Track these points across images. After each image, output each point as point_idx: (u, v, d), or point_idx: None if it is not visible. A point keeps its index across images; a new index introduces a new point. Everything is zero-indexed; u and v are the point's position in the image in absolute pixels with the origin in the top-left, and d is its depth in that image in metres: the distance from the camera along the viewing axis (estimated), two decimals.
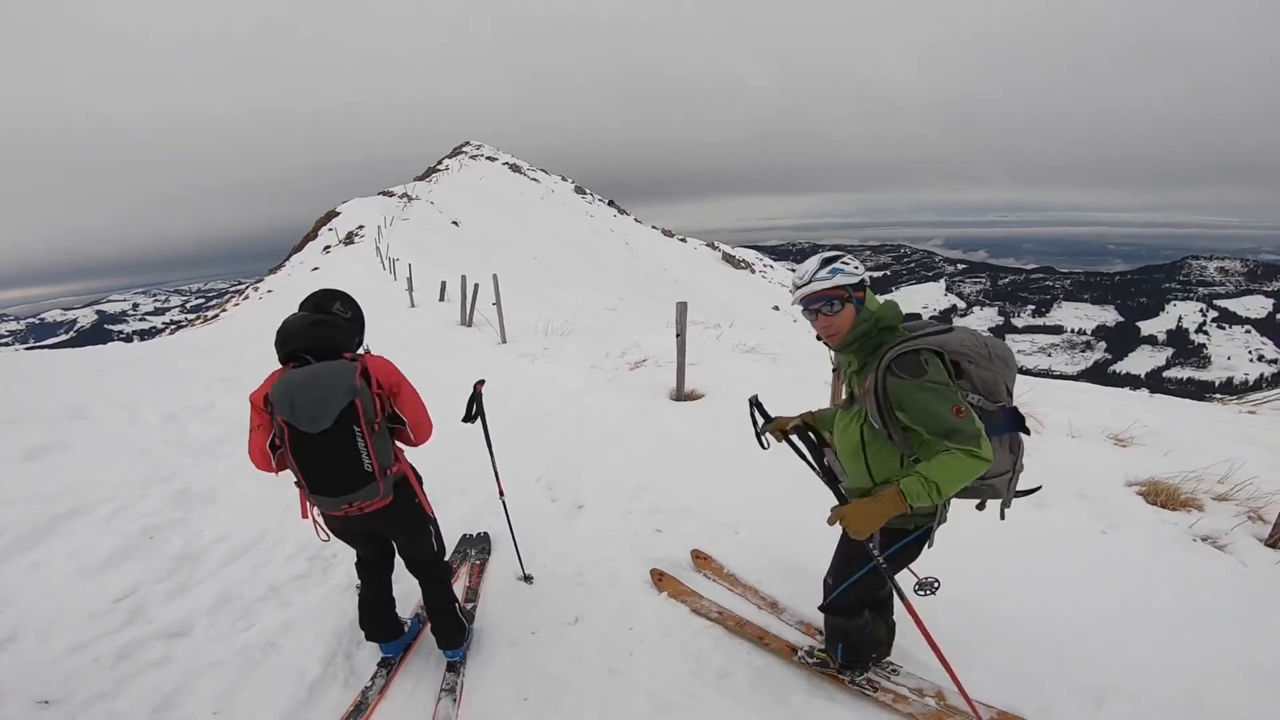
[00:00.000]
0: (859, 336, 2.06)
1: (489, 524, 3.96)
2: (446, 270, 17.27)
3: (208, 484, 4.23)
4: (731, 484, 4.25)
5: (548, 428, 5.63)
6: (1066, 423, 5.02)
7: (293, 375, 2.19)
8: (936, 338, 1.99)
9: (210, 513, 3.96)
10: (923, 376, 1.90)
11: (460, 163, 63.88)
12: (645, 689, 2.69)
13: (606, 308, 15.04)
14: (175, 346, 11.90)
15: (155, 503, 3.95)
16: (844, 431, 2.20)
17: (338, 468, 2.21)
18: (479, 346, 9.38)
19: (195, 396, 5.95)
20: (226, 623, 3.01)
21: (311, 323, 2.30)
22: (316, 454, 2.19)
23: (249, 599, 3.18)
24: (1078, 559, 3.39)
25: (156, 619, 2.99)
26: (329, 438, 2.16)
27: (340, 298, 2.52)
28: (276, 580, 3.33)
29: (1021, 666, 2.67)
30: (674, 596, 3.19)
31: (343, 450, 2.18)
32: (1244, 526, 3.62)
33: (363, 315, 2.59)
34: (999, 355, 2.07)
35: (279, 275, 25.93)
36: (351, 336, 2.45)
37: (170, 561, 3.39)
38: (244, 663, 2.77)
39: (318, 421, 2.13)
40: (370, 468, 2.22)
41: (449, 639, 2.76)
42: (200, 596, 3.17)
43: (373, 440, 2.21)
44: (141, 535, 3.60)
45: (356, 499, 2.27)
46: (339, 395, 2.14)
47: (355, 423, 2.17)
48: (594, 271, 38.79)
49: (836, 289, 2.03)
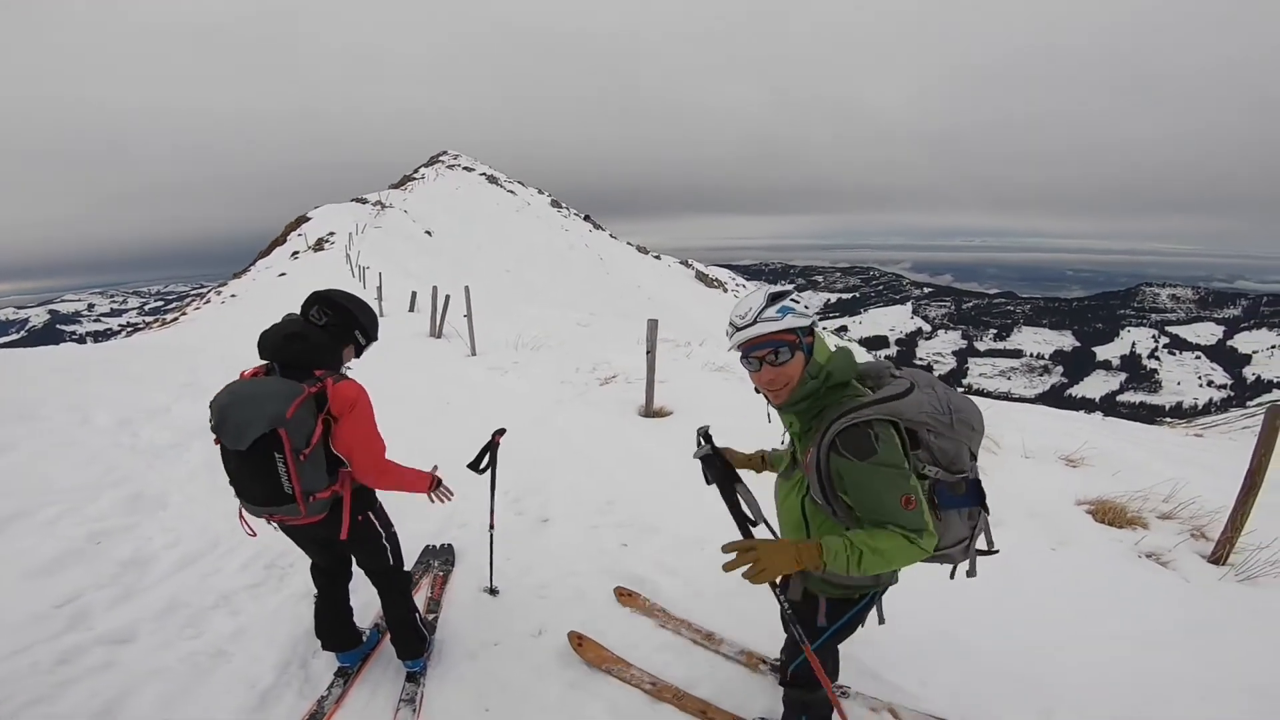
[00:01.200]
0: (806, 395, 1.77)
1: (454, 536, 3.94)
2: (418, 280, 17.14)
3: (160, 489, 4.12)
4: (698, 500, 4.27)
5: (516, 441, 5.61)
6: (1021, 444, 5.20)
7: (235, 388, 2.15)
8: (892, 404, 1.71)
9: (161, 519, 3.84)
10: (871, 458, 1.64)
11: (437, 171, 63.58)
12: (607, 702, 2.68)
13: (579, 323, 15.06)
14: (131, 349, 11.53)
15: (104, 507, 3.83)
16: (785, 500, 1.98)
17: (257, 484, 2.16)
18: (448, 359, 9.31)
19: (150, 400, 5.78)
20: (173, 630, 2.93)
21: (284, 335, 2.23)
22: (238, 468, 2.17)
23: (198, 606, 3.10)
24: (1028, 576, 3.47)
25: (99, 625, 2.90)
26: (247, 458, 2.12)
27: (320, 301, 2.37)
28: (229, 588, 3.26)
29: (972, 684, 2.70)
30: (597, 665, 2.86)
31: (262, 471, 2.14)
32: (1187, 544, 3.77)
33: (353, 317, 2.40)
34: (963, 420, 1.80)
35: (243, 280, 25.35)
36: (329, 347, 2.31)
37: (117, 567, 3.29)
38: (191, 670, 2.70)
39: (238, 441, 2.09)
40: (290, 491, 2.16)
41: (408, 649, 2.72)
42: (147, 603, 3.08)
43: (295, 468, 2.14)
44: (88, 540, 3.49)
45: (277, 513, 2.24)
46: (260, 421, 2.06)
47: (277, 450, 2.10)
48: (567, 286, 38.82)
49: (786, 333, 1.73)
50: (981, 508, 1.90)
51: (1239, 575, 3.50)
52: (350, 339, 2.42)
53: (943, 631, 2.98)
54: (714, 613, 3.20)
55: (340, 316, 2.37)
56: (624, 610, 3.24)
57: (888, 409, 1.70)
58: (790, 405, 1.80)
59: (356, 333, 2.43)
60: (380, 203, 42.38)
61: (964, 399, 1.86)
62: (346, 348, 2.42)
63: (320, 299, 2.38)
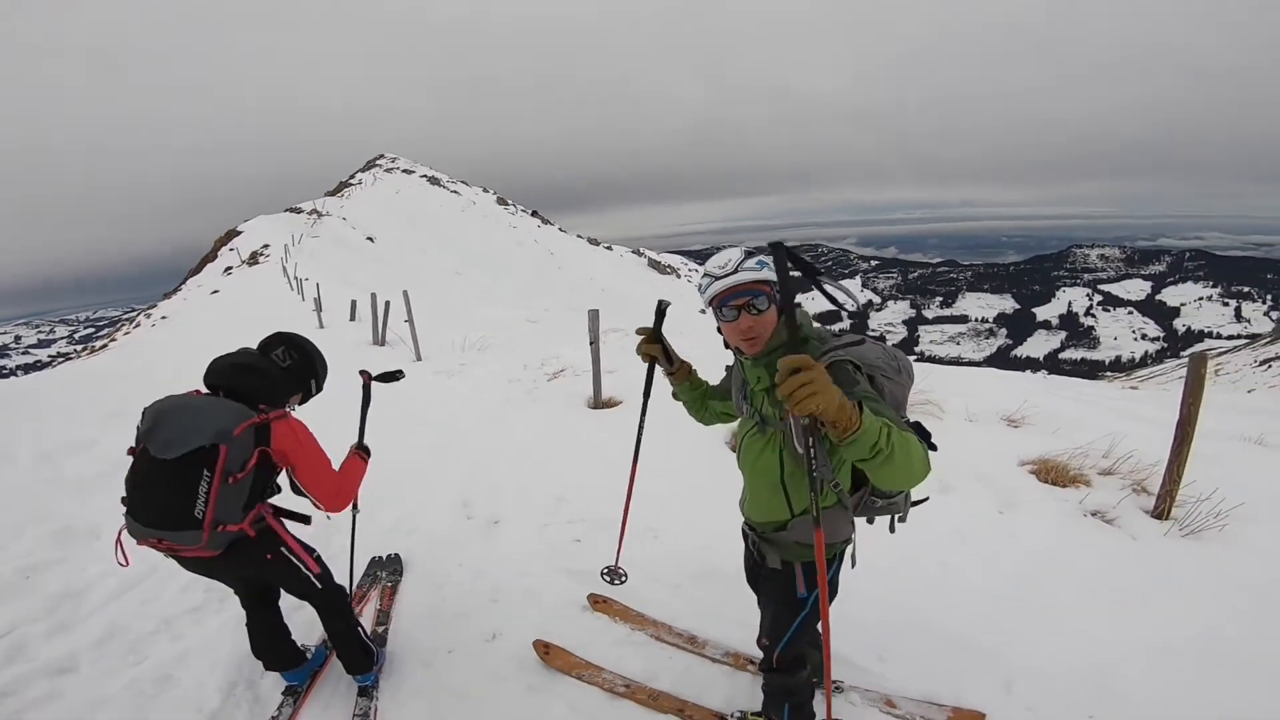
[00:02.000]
0: (780, 346, 1.79)
1: (400, 545, 3.87)
2: (360, 289, 16.74)
3: (91, 521, 3.99)
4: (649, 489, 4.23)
5: (463, 444, 5.56)
6: (964, 408, 5.30)
7: (177, 399, 2.09)
8: (854, 349, 1.79)
9: (95, 549, 3.73)
10: (856, 387, 1.64)
11: (374, 176, 61.78)
12: (566, 703, 2.66)
13: (529, 320, 15.00)
14: (55, 380, 10.98)
15: (30, 543, 3.73)
16: (758, 459, 1.94)
17: (162, 501, 2.03)
18: (391, 366, 9.17)
19: (77, 432, 5.58)
20: (115, 657, 2.89)
21: (234, 364, 2.19)
22: (147, 479, 2.05)
23: (139, 633, 3.05)
24: (978, 542, 3.49)
25: (39, 656, 2.84)
26: (170, 469, 2.00)
27: (288, 342, 2.38)
28: (169, 613, 3.20)
29: (930, 656, 2.69)
30: (566, 671, 2.78)
31: (178, 487, 2.01)
32: (1130, 499, 3.81)
33: (314, 366, 2.43)
34: (905, 369, 1.91)
35: (174, 300, 24.21)
36: (283, 387, 2.29)
37: (50, 600, 3.22)
38: (136, 696, 2.67)
39: (169, 448, 1.99)
40: (201, 515, 2.02)
41: (356, 665, 2.68)
42: (85, 633, 3.02)
43: (218, 491, 2.03)
44: (17, 575, 3.41)
45: (168, 539, 2.07)
46: (204, 433, 1.99)
47: (209, 467, 2.01)
48: (518, 284, 38.43)
49: (764, 283, 1.76)
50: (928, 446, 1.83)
51: (1182, 530, 3.54)
52: (305, 387, 2.44)
53: (895, 603, 2.96)
54: (672, 603, 3.21)
55: (305, 363, 2.40)
56: (585, 614, 3.20)
57: (854, 353, 1.77)
58: (765, 355, 1.83)
59: (312, 382, 2.46)
60: (316, 211, 40.97)
61: (902, 353, 1.96)
62: (297, 394, 2.42)
63: (288, 341, 2.39)
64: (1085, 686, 2.58)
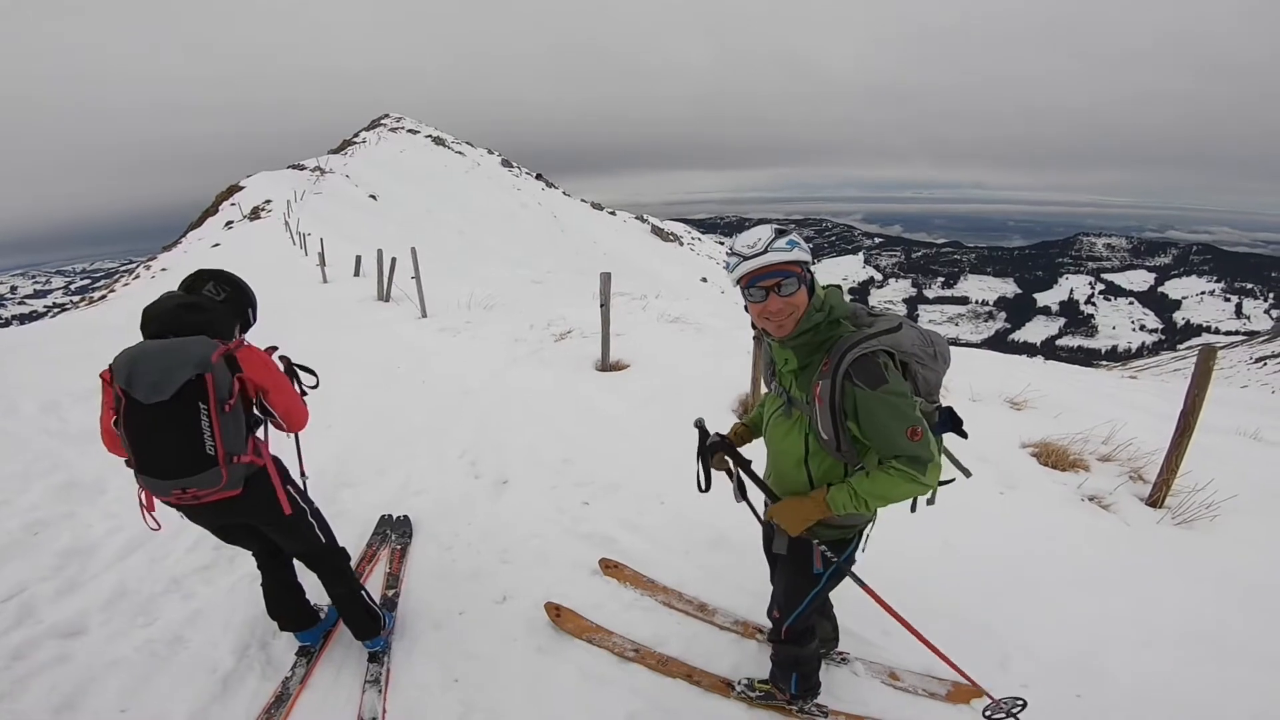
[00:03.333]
0: (811, 328, 1.77)
1: (410, 505, 3.85)
2: (363, 246, 16.51)
3: (97, 475, 3.91)
4: (655, 454, 4.24)
5: (470, 403, 5.51)
6: (969, 387, 5.33)
7: (141, 344, 2.02)
8: (892, 337, 1.75)
9: (101, 505, 3.67)
10: (882, 386, 1.67)
11: (379, 135, 60.62)
12: (576, 665, 2.66)
13: (533, 281, 14.83)
14: (56, 329, 10.86)
15: (37, 497, 3.65)
16: (784, 439, 1.97)
17: (173, 446, 1.97)
18: (397, 322, 9.04)
19: (78, 382, 5.46)
20: (125, 619, 2.84)
21: (177, 304, 2.12)
22: (150, 428, 1.96)
23: (149, 593, 3.00)
24: (979, 521, 3.52)
25: (48, 618, 2.79)
26: (167, 412, 1.93)
27: (215, 277, 2.34)
28: (178, 572, 3.15)
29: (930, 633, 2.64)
30: (577, 635, 2.80)
31: (182, 428, 1.95)
32: (1126, 486, 3.87)
33: (247, 296, 2.40)
34: (941, 354, 1.91)
35: (174, 253, 23.88)
36: (225, 320, 2.24)
37: (57, 558, 3.16)
38: (148, 658, 2.63)
39: (158, 391, 1.92)
40: (213, 451, 1.99)
41: (363, 629, 2.64)
42: (94, 593, 2.97)
43: (219, 422, 1.99)
44: (24, 531, 3.34)
45: (191, 485, 2.02)
46: (187, 366, 1.93)
47: (202, 399, 1.96)
48: (521, 245, 38.03)
49: (795, 264, 1.72)
50: (958, 433, 2.01)
51: (1175, 518, 3.60)
52: (243, 315, 2.40)
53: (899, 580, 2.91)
54: (682, 568, 3.20)
55: (237, 293, 2.38)
56: (594, 578, 3.18)
57: (890, 340, 1.74)
58: (793, 338, 1.80)
59: (250, 310, 2.43)
60: (320, 168, 40.28)
61: (939, 337, 1.95)
62: (236, 325, 2.37)
63: (215, 275, 2.36)
64: (1075, 665, 2.66)
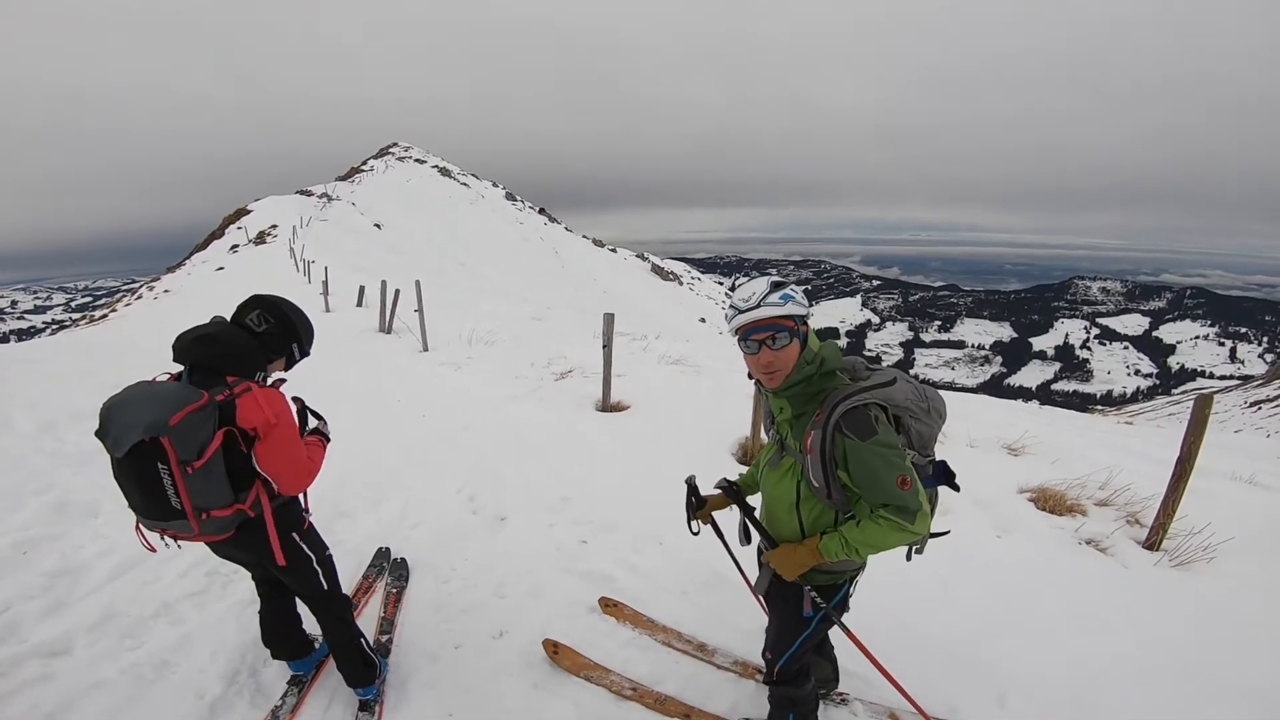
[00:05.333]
0: (801, 380, 1.83)
1: (407, 537, 3.83)
2: (366, 275, 16.66)
3: (89, 496, 3.90)
4: (654, 494, 4.20)
5: (469, 438, 5.52)
6: (966, 434, 5.35)
7: (128, 390, 1.95)
8: (885, 391, 1.80)
9: (93, 526, 3.65)
10: (872, 438, 1.71)
11: (386, 163, 61.77)
12: (573, 702, 2.64)
13: (534, 317, 14.92)
14: (54, 347, 10.86)
15: (28, 516, 3.63)
16: (777, 485, 2.03)
17: (138, 496, 1.95)
18: (398, 355, 9.09)
19: (76, 402, 5.47)
20: (112, 640, 2.81)
21: (195, 336, 2.05)
22: (118, 475, 1.95)
23: (137, 616, 2.97)
24: (976, 565, 3.54)
25: (32, 636, 2.76)
26: (128, 466, 1.90)
27: (264, 306, 2.20)
28: (169, 597, 3.12)
29: (926, 672, 2.68)
30: (574, 672, 2.78)
31: (141, 483, 1.91)
32: (1123, 530, 3.92)
33: (292, 330, 2.26)
34: (935, 409, 1.94)
35: (177, 275, 24.06)
36: (252, 355, 2.12)
37: (46, 578, 3.13)
38: (133, 681, 2.60)
39: (117, 446, 1.88)
40: (178, 505, 1.93)
41: (356, 678, 2.55)
42: (81, 614, 2.93)
43: (183, 481, 1.91)
44: (12, 550, 3.31)
45: (168, 529, 2.01)
46: (135, 429, 1.85)
47: (160, 460, 1.88)
48: (522, 280, 38.38)
49: (787, 319, 1.77)
50: (950, 486, 2.02)
51: (1172, 561, 3.64)
52: (285, 351, 2.28)
53: (898, 620, 3.00)
54: (679, 609, 3.19)
55: (281, 326, 2.24)
56: (592, 615, 3.17)
57: (882, 394, 1.79)
58: (784, 389, 1.86)
59: (294, 346, 2.30)
60: (327, 195, 40.92)
61: (934, 391, 1.99)
62: (278, 360, 2.28)
63: (263, 304, 2.21)
64: (1072, 703, 2.68)
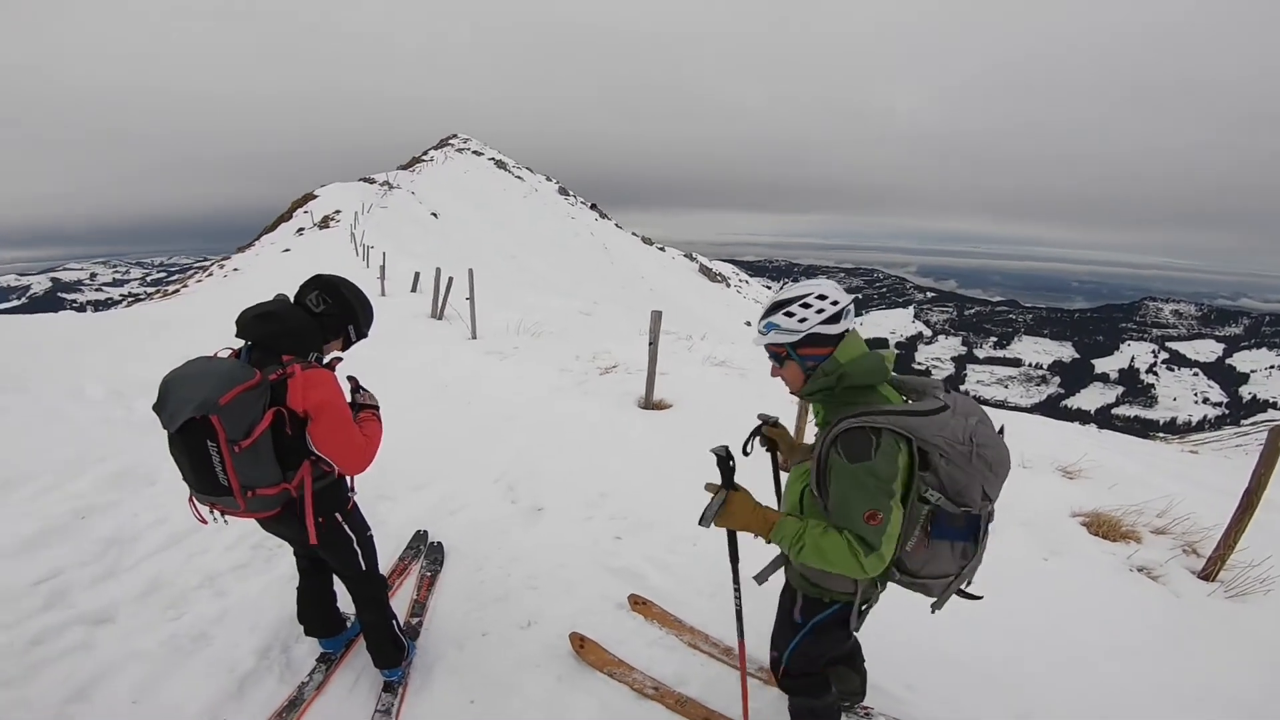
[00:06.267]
0: (818, 390, 1.81)
1: (445, 523, 3.87)
2: (421, 261, 17.03)
3: (149, 466, 4.04)
4: (692, 495, 4.20)
5: (512, 427, 5.56)
6: (1019, 453, 5.13)
7: (186, 366, 1.97)
8: (910, 420, 1.67)
9: (149, 496, 3.77)
10: (861, 463, 1.65)
11: (445, 154, 63.26)
12: (595, 697, 2.62)
13: (581, 311, 14.98)
14: (129, 319, 11.45)
15: (88, 483, 3.76)
16: (790, 488, 2.03)
17: (189, 470, 1.98)
18: (448, 341, 9.23)
19: (144, 372, 5.71)
20: (155, 611, 2.88)
21: (256, 314, 2.07)
22: (172, 448, 1.98)
23: (182, 587, 3.04)
24: (1017, 585, 3.42)
25: (79, 604, 2.84)
26: (180, 441, 1.93)
27: (323, 287, 2.23)
28: (214, 569, 3.19)
29: (956, 691, 2.70)
30: (599, 668, 2.79)
31: (192, 458, 1.94)
32: (1179, 559, 3.74)
33: (350, 312, 2.28)
34: (982, 457, 1.71)
35: (247, 254, 25.21)
36: (310, 334, 2.14)
37: (99, 545, 3.23)
38: (170, 653, 2.65)
39: (171, 421, 1.90)
40: (225, 482, 1.97)
41: (384, 658, 2.58)
42: (128, 583, 3.02)
43: (230, 459, 1.94)
44: (71, 516, 3.42)
45: (216, 504, 2.05)
46: (187, 406, 1.87)
47: (209, 437, 1.91)
48: (571, 274, 38.70)
49: (775, 344, 1.83)
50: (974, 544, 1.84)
51: (1228, 592, 3.49)
52: (342, 332, 2.30)
53: (930, 637, 2.91)
54: (707, 610, 3.15)
55: (340, 307, 2.25)
56: (619, 611, 3.15)
57: (904, 423, 1.67)
58: (804, 394, 1.87)
59: (351, 328, 2.31)
60: (388, 183, 42.22)
61: (996, 439, 1.77)
62: (335, 341, 2.30)
63: (323, 285, 2.24)
64: None
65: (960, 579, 1.88)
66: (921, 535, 1.76)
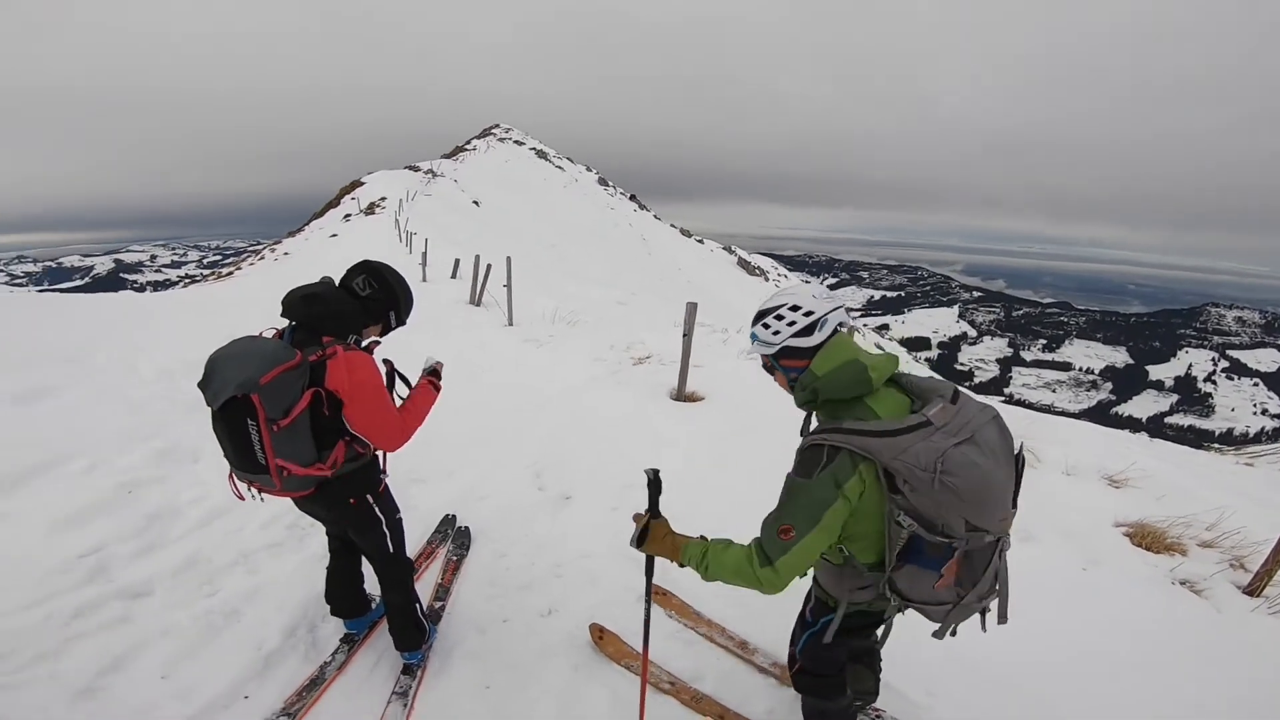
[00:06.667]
0: (804, 401, 1.81)
1: (473, 509, 3.91)
2: (462, 249, 17.25)
3: (194, 443, 4.16)
4: (720, 489, 4.18)
5: (544, 416, 5.59)
6: (1063, 459, 4.96)
7: (231, 345, 2.03)
8: (872, 440, 1.57)
9: (193, 473, 3.88)
10: (801, 478, 1.64)
11: (488, 144, 63.96)
12: (610, 689, 2.63)
13: (617, 302, 14.96)
14: (184, 299, 11.91)
15: (136, 459, 3.88)
16: None
17: (229, 446, 2.03)
18: (484, 327, 9.32)
19: (194, 352, 5.91)
20: (191, 586, 2.95)
21: (302, 295, 2.13)
22: (214, 424, 2.03)
23: (218, 564, 3.12)
24: (1052, 594, 3.36)
25: (119, 578, 2.92)
26: (222, 418, 1.98)
27: (370, 271, 2.29)
28: (249, 546, 3.27)
29: (979, 698, 2.66)
30: (616, 659, 2.82)
31: (233, 436, 1.99)
32: (1224, 573, 3.62)
33: (393, 297, 2.33)
34: (951, 485, 1.53)
35: (297, 239, 25.99)
36: (354, 317, 2.20)
37: (142, 520, 3.32)
38: (203, 629, 2.72)
39: (215, 398, 1.95)
40: (262, 460, 2.01)
41: (405, 640, 2.63)
42: (167, 558, 3.10)
43: (269, 438, 1.98)
44: (118, 491, 3.53)
45: (254, 481, 2.11)
46: (231, 385, 1.91)
47: (250, 416, 1.96)
48: (608, 264, 38.72)
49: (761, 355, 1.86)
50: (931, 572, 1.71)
51: (1271, 608, 3.37)
52: (384, 318, 2.36)
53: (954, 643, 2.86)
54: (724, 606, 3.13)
55: (385, 292, 2.31)
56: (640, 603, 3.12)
57: (863, 444, 1.58)
58: (796, 405, 1.86)
59: (392, 314, 2.37)
60: (432, 171, 42.91)
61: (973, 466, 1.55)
62: (375, 325, 2.35)
63: (370, 270, 2.30)
64: None
65: (964, 610, 1.77)
66: (900, 560, 1.68)
